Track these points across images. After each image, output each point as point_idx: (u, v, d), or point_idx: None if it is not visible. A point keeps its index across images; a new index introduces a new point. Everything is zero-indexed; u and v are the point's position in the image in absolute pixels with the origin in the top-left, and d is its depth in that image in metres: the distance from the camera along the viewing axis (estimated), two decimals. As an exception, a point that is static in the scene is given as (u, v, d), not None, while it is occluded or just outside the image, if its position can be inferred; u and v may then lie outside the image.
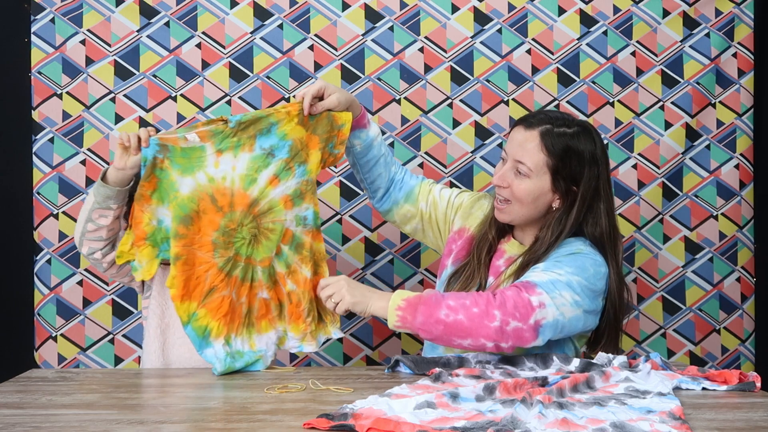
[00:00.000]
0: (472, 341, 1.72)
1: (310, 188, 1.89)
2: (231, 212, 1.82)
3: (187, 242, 1.79)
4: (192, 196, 1.80)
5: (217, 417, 1.37)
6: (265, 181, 1.84)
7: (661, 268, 2.53)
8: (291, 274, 1.86)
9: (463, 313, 1.72)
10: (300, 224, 1.87)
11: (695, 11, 2.54)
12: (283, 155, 1.85)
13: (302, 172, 1.87)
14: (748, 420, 1.34)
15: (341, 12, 2.50)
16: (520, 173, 1.85)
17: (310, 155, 1.88)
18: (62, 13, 2.45)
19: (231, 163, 1.82)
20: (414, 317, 1.74)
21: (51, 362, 2.42)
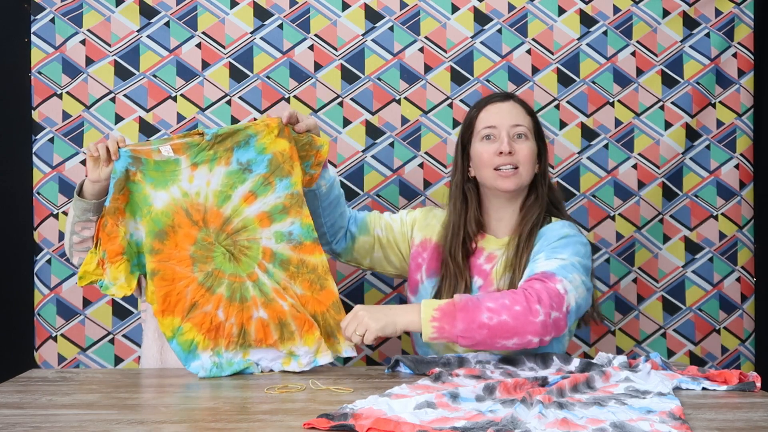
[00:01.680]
0: (519, 339, 1.72)
1: (295, 201, 1.83)
2: (205, 228, 1.80)
3: (163, 257, 1.76)
4: (166, 211, 1.77)
5: (217, 417, 1.37)
6: (239, 198, 1.81)
7: (661, 268, 2.53)
8: (285, 290, 1.81)
9: (506, 313, 1.72)
10: (282, 240, 1.82)
11: (695, 11, 2.54)
12: (261, 170, 1.81)
13: (285, 185, 1.83)
14: (748, 420, 1.34)
15: (341, 12, 2.50)
16: (520, 137, 1.98)
17: (294, 167, 1.83)
18: (62, 13, 2.45)
19: (206, 178, 1.79)
20: (453, 326, 1.71)
21: (51, 362, 2.42)
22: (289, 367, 1.80)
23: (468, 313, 1.72)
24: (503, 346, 1.74)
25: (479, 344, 1.73)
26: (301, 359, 1.80)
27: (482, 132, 2.00)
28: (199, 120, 2.46)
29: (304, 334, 1.80)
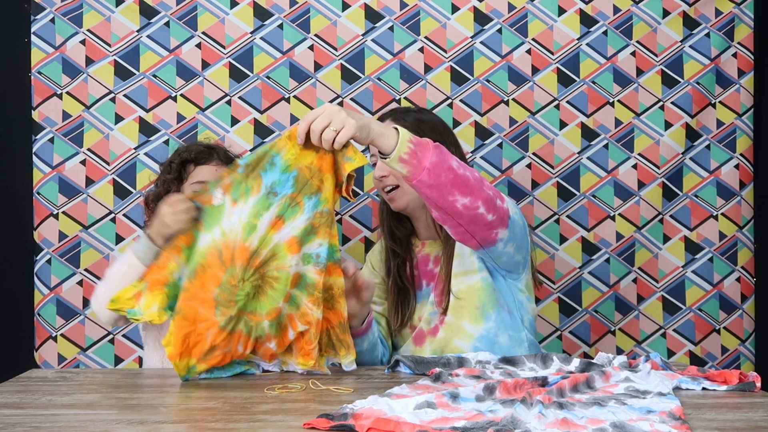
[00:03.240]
0: (471, 201, 1.71)
1: (325, 220, 1.68)
2: (232, 266, 1.67)
3: (188, 296, 1.67)
4: (203, 251, 1.68)
5: (217, 417, 1.37)
6: (266, 226, 1.68)
7: (661, 268, 2.53)
8: (302, 316, 1.71)
9: (469, 173, 1.73)
10: (310, 262, 1.70)
11: (695, 11, 2.54)
12: (286, 191, 1.68)
13: (314, 203, 1.68)
14: (748, 420, 1.34)
15: (341, 12, 2.50)
16: None
17: (325, 181, 1.67)
18: (62, 13, 2.45)
19: (239, 213, 1.68)
20: (425, 156, 1.65)
21: (51, 362, 2.42)
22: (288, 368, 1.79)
23: (441, 152, 1.68)
24: (453, 201, 1.69)
25: (437, 187, 1.66)
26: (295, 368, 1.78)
27: (371, 159, 2.05)
28: (199, 120, 2.46)
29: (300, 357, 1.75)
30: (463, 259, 1.96)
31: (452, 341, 1.95)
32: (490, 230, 1.80)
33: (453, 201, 1.71)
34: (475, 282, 1.95)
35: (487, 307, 1.95)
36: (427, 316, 2.00)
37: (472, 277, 1.95)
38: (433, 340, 1.98)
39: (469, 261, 1.96)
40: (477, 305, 1.94)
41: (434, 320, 1.99)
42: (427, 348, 1.98)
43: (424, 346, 1.99)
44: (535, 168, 2.51)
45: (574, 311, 2.51)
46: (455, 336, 1.95)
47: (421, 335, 2.00)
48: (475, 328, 1.94)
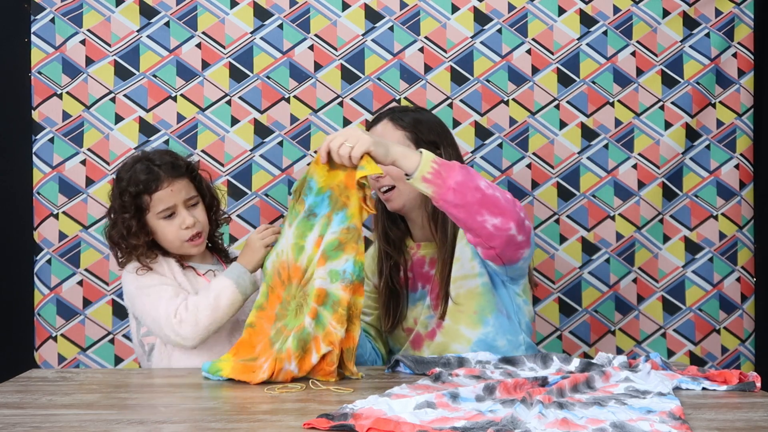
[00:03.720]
0: (501, 221, 1.73)
1: (352, 236, 1.69)
2: (289, 285, 1.78)
3: (263, 314, 1.79)
4: (270, 272, 1.82)
5: (217, 417, 1.37)
6: (311, 246, 1.75)
7: (661, 268, 2.53)
8: (326, 336, 1.69)
9: (499, 193, 1.74)
10: (337, 279, 1.69)
11: (695, 11, 2.54)
12: (324, 211, 1.74)
13: (341, 219, 1.71)
14: (748, 420, 1.34)
15: (341, 12, 2.50)
16: None
17: (350, 197, 1.70)
18: (62, 13, 2.45)
19: (287, 234, 1.81)
20: (450, 175, 1.68)
21: (51, 362, 2.42)
22: None
23: (468, 172, 1.72)
24: (482, 222, 1.71)
25: (465, 206, 1.69)
26: None
27: None
28: (199, 120, 2.46)
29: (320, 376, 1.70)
30: (463, 263, 1.95)
31: (450, 346, 1.95)
32: (518, 250, 1.82)
33: (482, 221, 1.72)
34: (474, 286, 1.95)
35: (486, 311, 1.95)
36: (423, 319, 2.00)
37: (472, 282, 1.95)
38: (431, 343, 1.98)
39: (469, 265, 1.95)
40: (475, 310, 1.94)
41: (431, 324, 1.99)
42: (425, 352, 1.99)
43: (422, 350, 1.99)
44: (535, 168, 2.51)
45: (574, 311, 2.51)
46: (453, 341, 1.95)
47: (419, 339, 2.00)
48: (473, 332, 1.94)
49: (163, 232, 1.92)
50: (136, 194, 1.89)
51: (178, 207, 1.92)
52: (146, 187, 1.89)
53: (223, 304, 1.85)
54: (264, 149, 2.47)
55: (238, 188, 2.46)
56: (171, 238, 1.92)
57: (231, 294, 1.85)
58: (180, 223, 1.91)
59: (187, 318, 1.84)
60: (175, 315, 1.84)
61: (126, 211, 1.90)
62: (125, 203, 1.90)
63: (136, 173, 1.90)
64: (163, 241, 1.93)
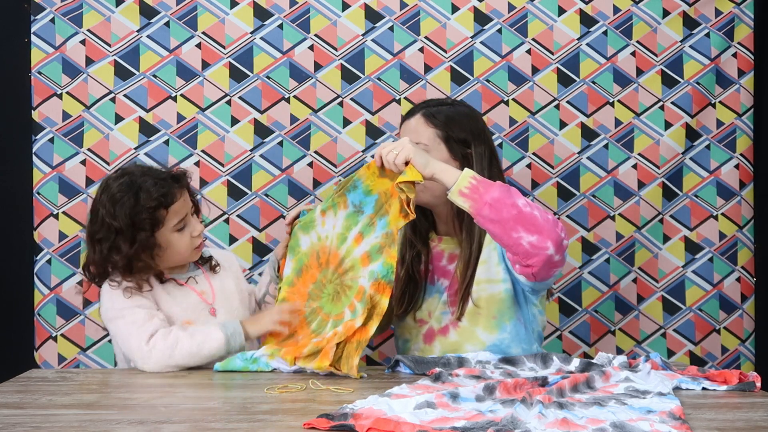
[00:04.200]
0: (538, 240, 1.74)
1: (388, 241, 1.83)
2: (326, 269, 1.92)
3: (294, 290, 1.95)
4: (307, 252, 1.96)
5: (217, 417, 1.37)
6: (352, 239, 1.89)
7: (661, 268, 2.53)
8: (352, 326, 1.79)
9: (538, 211, 1.77)
10: (372, 278, 1.82)
11: (695, 11, 2.54)
12: (369, 211, 1.88)
13: (383, 225, 1.85)
14: (748, 420, 1.34)
15: (341, 12, 2.50)
16: None
17: (392, 206, 1.84)
18: (62, 13, 2.45)
19: (332, 222, 1.93)
20: (487, 191, 1.74)
21: (51, 362, 2.42)
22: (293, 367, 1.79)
23: (506, 190, 1.76)
24: (518, 238, 1.74)
25: (501, 222, 1.73)
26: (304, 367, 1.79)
27: None
28: (199, 120, 2.46)
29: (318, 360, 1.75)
30: (489, 267, 1.96)
31: (464, 346, 1.96)
32: (552, 269, 1.83)
33: (517, 238, 1.74)
34: (497, 292, 1.95)
35: (505, 318, 1.96)
36: (438, 314, 2.00)
37: (495, 287, 1.96)
38: (443, 340, 1.98)
39: (495, 270, 1.96)
40: (494, 315, 1.95)
41: (445, 320, 1.99)
42: (437, 347, 1.99)
43: (434, 345, 1.99)
44: (535, 168, 2.51)
45: (574, 311, 2.51)
46: (468, 341, 1.96)
47: (431, 334, 2.00)
48: (488, 336, 1.95)
49: (177, 244, 1.89)
50: (154, 209, 1.83)
51: (187, 217, 1.92)
52: (164, 201, 1.85)
53: (204, 353, 1.82)
54: (264, 149, 2.47)
55: (238, 188, 2.46)
56: (183, 249, 1.91)
57: (216, 348, 1.83)
58: (191, 232, 1.92)
59: (161, 347, 1.79)
60: (149, 341, 1.80)
61: (143, 230, 1.83)
62: (142, 220, 1.83)
63: (147, 190, 1.84)
64: (174, 252, 1.90)
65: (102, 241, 1.85)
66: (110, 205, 1.85)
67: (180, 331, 1.83)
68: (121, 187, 1.86)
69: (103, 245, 1.85)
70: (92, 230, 1.87)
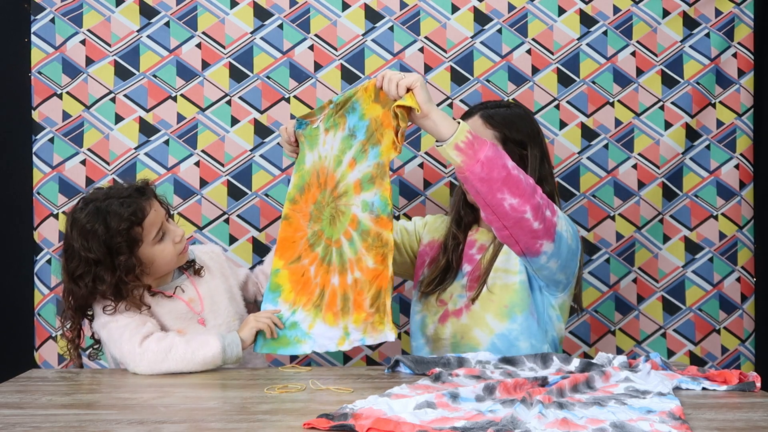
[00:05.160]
0: (519, 203, 1.76)
1: (380, 172, 1.80)
2: (324, 190, 1.92)
3: (296, 208, 1.97)
4: (310, 170, 1.96)
5: (217, 417, 1.37)
6: (346, 164, 1.87)
7: (661, 268, 2.53)
8: (358, 261, 1.83)
9: (523, 176, 1.78)
10: (366, 210, 1.82)
11: (695, 11, 2.54)
12: (361, 136, 1.84)
13: (375, 154, 1.82)
14: (748, 420, 1.34)
15: (341, 12, 2.50)
16: None
17: (384, 135, 1.80)
18: (62, 13, 2.45)
19: (331, 143, 1.91)
20: (482, 148, 1.74)
21: (51, 362, 2.42)
22: (343, 347, 1.82)
23: (497, 150, 1.77)
24: (501, 200, 1.75)
25: (489, 181, 1.74)
26: (352, 336, 1.82)
27: None
28: (199, 120, 2.46)
29: (355, 311, 1.81)
30: (508, 257, 2.00)
31: (473, 330, 1.98)
32: (535, 239, 1.84)
33: (501, 199, 1.76)
34: (512, 282, 1.98)
35: (516, 309, 1.97)
36: (455, 297, 2.04)
37: (511, 277, 1.98)
38: (455, 321, 2.01)
39: (513, 261, 1.99)
40: (506, 304, 1.97)
41: (460, 303, 2.02)
42: (448, 328, 2.02)
43: (446, 325, 2.03)
44: (535, 168, 2.51)
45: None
46: (477, 326, 1.98)
47: (446, 314, 2.04)
48: (498, 324, 1.97)
49: (161, 255, 1.87)
50: (128, 229, 1.81)
51: (164, 225, 1.89)
52: (136, 218, 1.82)
53: (198, 360, 1.79)
54: (264, 149, 2.47)
55: (238, 188, 2.46)
56: (169, 258, 1.89)
57: (212, 356, 1.80)
58: (173, 239, 1.89)
59: (155, 350, 1.77)
60: (142, 343, 1.78)
61: (121, 253, 1.80)
62: (118, 245, 1.80)
63: (115, 212, 1.81)
64: (160, 264, 1.88)
65: (83, 276, 1.82)
66: (82, 239, 1.81)
67: (176, 336, 1.82)
68: (88, 217, 1.82)
69: (86, 279, 1.82)
70: (71, 268, 1.83)
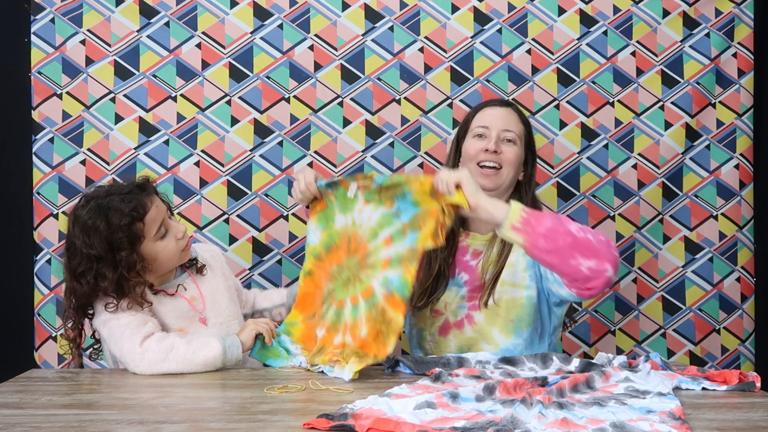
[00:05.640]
0: (596, 263, 1.73)
1: (411, 256, 1.84)
2: (352, 255, 1.92)
3: (321, 265, 1.97)
4: (339, 231, 1.96)
5: (217, 417, 1.37)
6: (382, 239, 1.89)
7: (661, 268, 2.53)
8: (353, 327, 1.83)
9: (591, 235, 1.76)
10: (384, 285, 1.83)
11: (695, 11, 2.54)
12: (405, 219, 1.88)
13: (412, 239, 1.85)
14: (748, 420, 1.34)
15: (341, 12, 2.50)
16: (509, 141, 2.04)
17: (426, 225, 1.84)
18: (62, 13, 2.45)
19: (369, 214, 1.92)
20: (539, 223, 1.73)
21: (51, 362, 2.42)
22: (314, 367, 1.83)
23: (557, 218, 1.76)
24: (577, 265, 1.73)
25: (557, 251, 1.72)
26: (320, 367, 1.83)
27: (475, 130, 2.08)
28: (198, 120, 2.46)
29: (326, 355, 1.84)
30: (515, 271, 1.97)
31: (480, 342, 1.97)
32: (608, 287, 1.81)
33: (576, 265, 1.73)
34: (519, 297, 1.96)
35: (523, 324, 1.96)
36: (454, 307, 2.01)
37: (518, 292, 1.96)
38: (458, 334, 1.99)
39: (521, 275, 1.97)
40: (512, 318, 1.96)
41: (461, 313, 2.00)
42: (451, 341, 1.99)
43: (449, 338, 2.00)
44: (535, 168, 2.51)
45: (574, 311, 2.51)
46: (483, 340, 1.97)
47: (447, 326, 2.01)
48: (504, 339, 1.95)
49: (164, 251, 1.87)
50: (129, 225, 1.80)
51: (166, 221, 1.88)
52: (137, 214, 1.81)
53: (198, 360, 1.78)
54: (264, 149, 2.47)
55: (238, 188, 2.46)
56: (171, 254, 1.88)
57: (213, 357, 1.79)
58: (175, 235, 1.88)
59: (156, 350, 1.77)
60: (143, 343, 1.78)
61: (122, 249, 1.80)
62: (119, 240, 1.79)
63: (116, 208, 1.80)
64: (163, 261, 1.88)
65: (85, 273, 1.81)
66: (83, 235, 1.80)
67: (177, 337, 1.81)
68: (90, 214, 1.82)
69: (88, 277, 1.81)
70: (73, 266, 1.83)
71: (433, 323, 2.03)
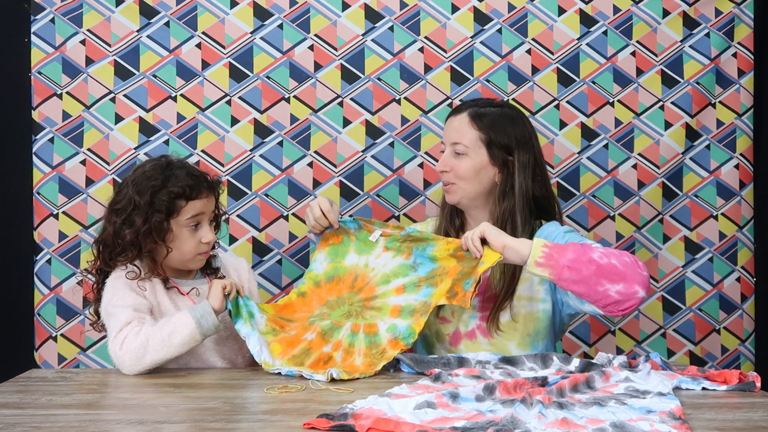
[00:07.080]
0: (624, 287, 1.74)
1: (423, 309, 1.86)
2: (354, 293, 1.95)
3: (317, 291, 1.98)
4: (348, 268, 1.98)
5: (217, 417, 1.37)
6: (393, 287, 1.93)
7: (661, 268, 2.53)
8: (347, 352, 1.82)
9: (616, 259, 1.76)
10: (391, 331, 1.85)
11: (695, 11, 2.54)
12: (421, 273, 1.91)
13: (427, 293, 1.88)
14: (748, 420, 1.34)
15: (341, 12, 2.50)
16: (459, 154, 1.99)
17: (443, 282, 1.87)
18: (62, 13, 2.45)
19: (385, 261, 1.96)
20: (562, 255, 1.74)
21: (51, 362, 2.42)
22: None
23: (579, 248, 1.76)
24: (605, 291, 1.73)
25: (583, 281, 1.73)
26: None
27: (441, 146, 2.07)
28: (199, 120, 2.46)
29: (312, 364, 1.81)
30: (531, 285, 1.96)
31: None
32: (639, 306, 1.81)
33: (605, 291, 1.74)
34: (536, 311, 1.96)
35: (539, 337, 1.96)
36: (465, 317, 1.98)
37: (535, 305, 1.96)
38: (470, 344, 1.96)
39: (536, 289, 1.96)
40: (530, 332, 1.95)
41: (472, 324, 1.97)
42: (462, 351, 1.95)
43: (459, 348, 1.97)
44: (535, 168, 2.51)
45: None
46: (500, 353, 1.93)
47: (458, 336, 1.98)
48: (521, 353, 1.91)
49: (184, 240, 1.88)
50: (175, 196, 1.85)
51: (203, 220, 1.90)
52: (188, 192, 1.87)
53: (176, 341, 1.77)
54: (264, 149, 2.47)
55: (238, 188, 2.46)
56: (187, 249, 1.89)
57: (189, 333, 1.78)
58: (202, 237, 1.89)
59: (132, 347, 1.76)
60: (122, 344, 1.77)
61: (159, 211, 1.84)
62: (161, 202, 1.84)
63: (177, 177, 1.87)
64: (176, 250, 1.88)
65: (119, 212, 1.87)
66: (139, 179, 1.89)
67: (148, 327, 1.80)
68: (155, 166, 1.91)
69: (120, 216, 1.87)
70: (114, 200, 1.91)
71: (441, 331, 2.00)
